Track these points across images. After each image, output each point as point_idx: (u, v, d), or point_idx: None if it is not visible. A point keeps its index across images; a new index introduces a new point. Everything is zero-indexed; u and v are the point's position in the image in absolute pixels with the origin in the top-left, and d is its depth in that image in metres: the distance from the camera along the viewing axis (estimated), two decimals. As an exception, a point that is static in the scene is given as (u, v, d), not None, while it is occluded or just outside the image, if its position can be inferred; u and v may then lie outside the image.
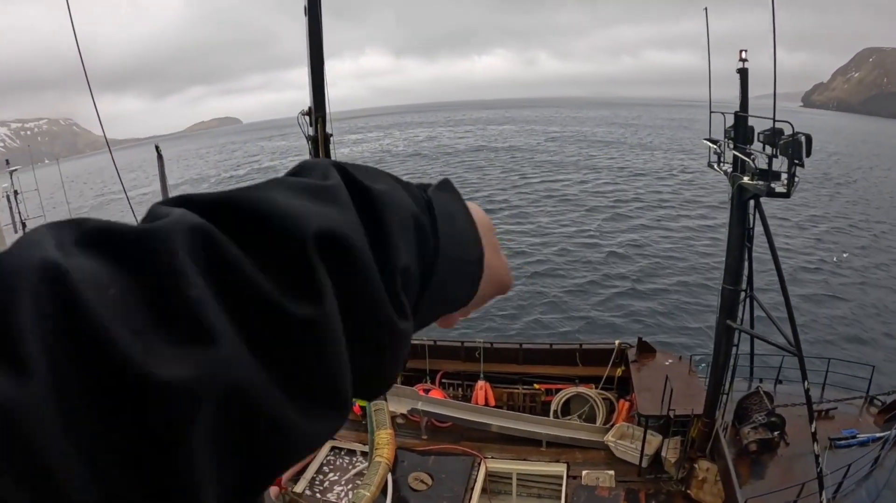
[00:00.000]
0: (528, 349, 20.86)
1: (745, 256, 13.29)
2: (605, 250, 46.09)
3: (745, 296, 13.82)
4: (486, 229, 0.83)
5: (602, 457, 16.74)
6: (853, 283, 38.94)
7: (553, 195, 68.74)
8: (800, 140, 10.49)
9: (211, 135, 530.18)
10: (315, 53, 14.86)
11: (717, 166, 13.47)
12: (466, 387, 20.42)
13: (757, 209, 12.46)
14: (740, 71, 12.05)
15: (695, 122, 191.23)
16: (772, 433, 14.32)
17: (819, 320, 32.79)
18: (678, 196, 66.49)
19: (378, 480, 13.61)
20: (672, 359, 18.06)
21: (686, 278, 39.78)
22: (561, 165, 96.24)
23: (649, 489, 15.24)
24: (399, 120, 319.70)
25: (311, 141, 16.18)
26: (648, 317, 33.71)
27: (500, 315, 35.02)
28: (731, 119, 12.48)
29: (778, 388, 16.45)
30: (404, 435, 18.19)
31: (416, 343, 21.19)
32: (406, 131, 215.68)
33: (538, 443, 17.48)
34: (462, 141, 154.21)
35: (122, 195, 52.77)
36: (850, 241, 48.72)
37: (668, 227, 52.68)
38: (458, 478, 16.26)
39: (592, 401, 18.68)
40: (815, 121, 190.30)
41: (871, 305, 35.33)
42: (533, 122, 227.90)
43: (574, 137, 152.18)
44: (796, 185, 11.09)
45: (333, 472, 17.82)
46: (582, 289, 38.58)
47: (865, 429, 14.90)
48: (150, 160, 21.97)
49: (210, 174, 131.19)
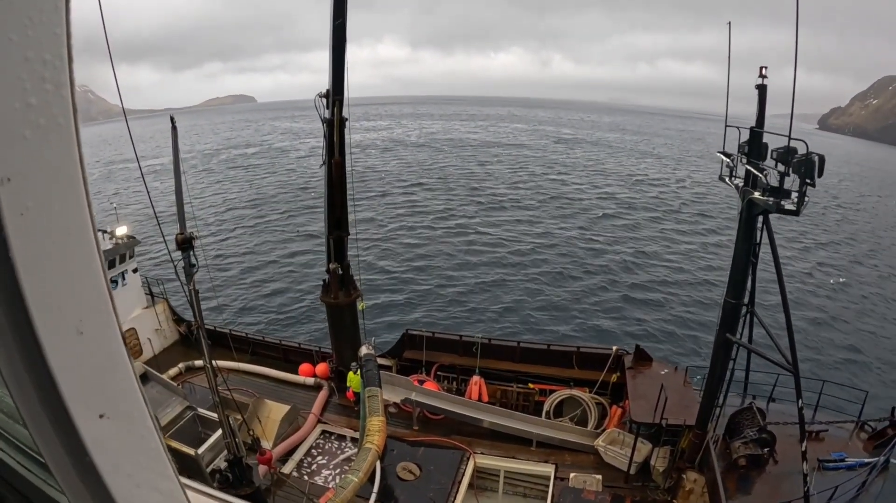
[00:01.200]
0: (526, 348, 20.91)
1: (748, 271, 13.31)
2: (607, 256, 46.14)
3: (746, 311, 13.83)
4: None
5: (591, 460, 16.83)
6: (851, 309, 38.94)
7: (559, 197, 68.68)
8: (813, 160, 10.46)
9: (225, 111, 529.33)
10: (338, 36, 14.90)
11: (728, 180, 13.46)
12: (461, 381, 20.50)
13: (765, 225, 12.47)
14: (759, 87, 12.04)
15: (707, 134, 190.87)
16: (762, 449, 14.36)
17: (815, 342, 32.83)
18: (687, 208, 66.41)
19: (366, 467, 13.66)
20: (668, 369, 18.10)
21: (685, 291, 39.82)
22: (571, 167, 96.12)
23: (635, 496, 15.31)
24: (412, 111, 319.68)
25: (326, 123, 16.25)
26: (645, 326, 33.78)
27: (494, 310, 35.16)
28: (746, 134, 12.50)
29: (770, 406, 16.48)
30: (396, 424, 18.29)
31: (415, 334, 21.30)
32: (418, 122, 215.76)
33: (528, 443, 17.57)
34: (473, 136, 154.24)
35: (127, 164, 52.50)
36: (849, 265, 48.71)
37: (671, 239, 52.64)
38: (446, 471, 16.36)
39: (585, 404, 18.75)
40: (828, 143, 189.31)
41: (867, 331, 35.34)
42: (546, 122, 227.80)
43: (586, 141, 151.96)
44: (806, 203, 11.08)
45: (322, 456, 17.93)
46: (583, 292, 38.61)
47: (854, 454, 14.94)
48: (163, 131, 22.11)
49: (220, 148, 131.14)
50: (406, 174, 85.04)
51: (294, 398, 19.79)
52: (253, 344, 23.61)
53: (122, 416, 1.37)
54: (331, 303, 19.32)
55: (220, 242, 50.36)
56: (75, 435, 1.26)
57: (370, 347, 17.26)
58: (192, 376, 21.24)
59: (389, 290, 38.50)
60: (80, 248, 1.17)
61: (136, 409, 1.41)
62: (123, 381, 1.35)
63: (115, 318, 1.29)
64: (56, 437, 1.26)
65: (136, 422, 1.42)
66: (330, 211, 17.90)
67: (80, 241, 1.17)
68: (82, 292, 1.20)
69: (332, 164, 16.94)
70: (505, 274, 41.91)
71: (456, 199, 66.64)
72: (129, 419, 1.40)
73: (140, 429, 1.44)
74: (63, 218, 1.12)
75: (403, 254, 46.25)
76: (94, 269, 1.22)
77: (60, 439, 1.27)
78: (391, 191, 71.50)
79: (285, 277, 41.48)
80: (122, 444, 1.39)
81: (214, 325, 24.53)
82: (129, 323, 21.88)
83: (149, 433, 1.47)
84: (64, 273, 1.15)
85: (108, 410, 1.31)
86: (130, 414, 1.40)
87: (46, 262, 1.11)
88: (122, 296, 21.64)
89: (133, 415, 1.41)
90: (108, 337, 1.29)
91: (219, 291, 36.01)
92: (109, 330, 1.29)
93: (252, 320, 34.20)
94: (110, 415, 1.32)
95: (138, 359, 21.63)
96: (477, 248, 47.50)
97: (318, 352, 22.27)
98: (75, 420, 1.23)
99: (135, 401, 1.40)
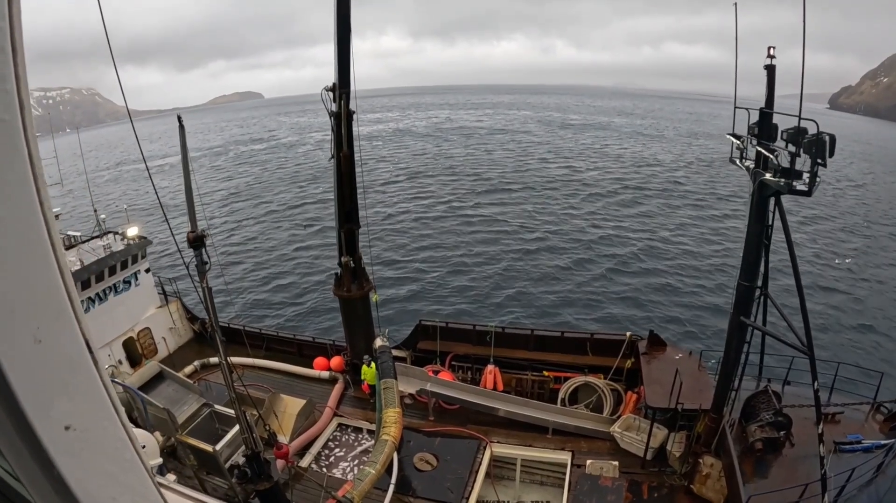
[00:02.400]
0: (540, 335, 20.89)
1: (761, 253, 13.22)
2: (617, 241, 46.00)
3: (760, 293, 13.75)
4: None
5: (607, 447, 16.85)
6: (863, 289, 38.63)
7: (567, 182, 68.43)
8: (824, 140, 10.33)
9: (233, 108, 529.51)
10: (342, 30, 14.87)
11: (739, 162, 13.35)
12: (476, 370, 20.54)
13: (777, 206, 12.37)
14: (768, 67, 11.91)
15: (716, 117, 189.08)
16: (778, 432, 14.32)
17: (829, 324, 32.63)
18: (702, 189, 65.97)
19: (384, 458, 13.75)
20: (682, 354, 18.05)
21: (698, 274, 39.66)
22: (576, 153, 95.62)
23: (652, 482, 15.32)
24: (416, 101, 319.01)
25: (333, 117, 16.25)
26: (657, 311, 33.68)
27: (507, 296, 35.16)
28: (756, 115, 12.39)
29: (786, 389, 16.41)
30: (412, 415, 18.37)
31: (428, 324, 21.35)
32: (425, 112, 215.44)
33: (544, 430, 17.61)
34: (480, 124, 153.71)
35: (137, 164, 52.76)
36: (861, 246, 48.32)
37: (682, 224, 52.38)
38: (464, 460, 16.43)
39: (600, 391, 18.74)
40: (839, 123, 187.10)
41: (880, 312, 35.04)
42: (552, 108, 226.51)
43: (593, 126, 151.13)
44: (818, 184, 10.98)
45: (339, 448, 18.07)
46: (593, 278, 38.54)
47: (870, 436, 14.87)
48: (171, 131, 22.10)
49: (229, 147, 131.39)
50: (414, 164, 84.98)
51: (310, 392, 19.91)
52: (267, 339, 23.75)
53: (92, 427, 1.31)
54: (344, 296, 19.37)
55: (231, 239, 50.57)
56: (40, 447, 1.20)
57: (384, 339, 17.32)
58: (207, 373, 21.45)
59: (402, 281, 38.57)
60: (30, 248, 1.11)
61: (105, 419, 1.36)
62: (89, 391, 1.30)
63: (77, 325, 1.23)
64: (24, 450, 1.21)
65: (106, 433, 1.37)
66: (340, 204, 17.91)
67: (30, 242, 1.11)
68: (38, 297, 1.13)
69: (341, 157, 16.94)
70: (515, 260, 41.88)
71: (462, 188, 66.48)
72: (100, 430, 1.35)
73: (111, 441, 1.39)
74: (12, 219, 1.06)
75: (414, 244, 46.30)
76: (51, 272, 1.15)
77: (28, 451, 1.21)
78: (399, 181, 71.47)
79: (297, 272, 41.65)
80: (93, 456, 1.34)
81: (228, 322, 24.72)
82: (143, 323, 22.11)
83: (123, 444, 1.42)
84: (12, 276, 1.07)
85: (75, 422, 1.26)
86: (99, 424, 1.34)
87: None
88: (136, 296, 21.84)
89: (103, 425, 1.36)
90: (69, 345, 1.23)
91: (232, 288, 36.23)
92: (71, 337, 1.22)
93: (266, 314, 34.38)
94: (77, 427, 1.27)
95: (153, 358, 21.83)
96: (487, 237, 47.46)
97: (332, 346, 22.38)
98: (38, 432, 1.18)
99: (103, 412, 1.35)
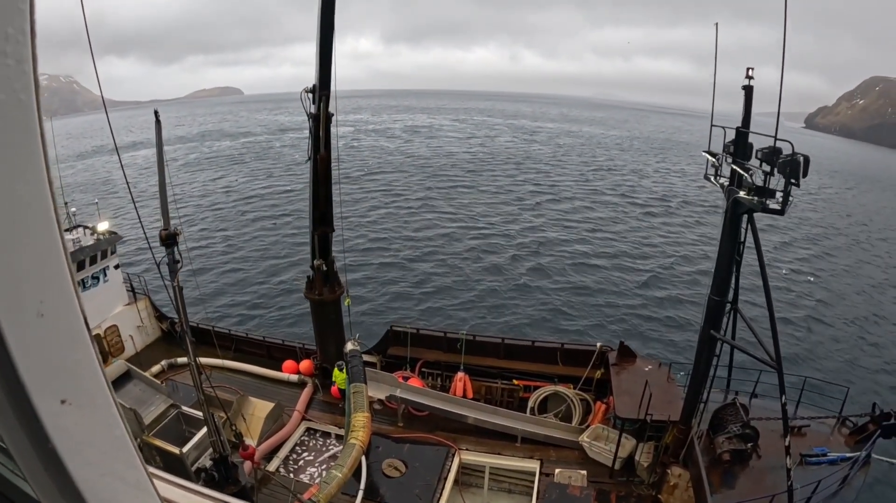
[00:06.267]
0: (510, 344, 20.93)
1: (733, 269, 13.42)
2: (591, 250, 46.40)
3: (730, 308, 13.95)
4: None
5: (575, 456, 16.91)
6: (830, 306, 39.49)
7: (537, 188, 68.91)
8: (798, 160, 10.55)
9: (212, 103, 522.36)
10: (325, 34, 14.74)
11: (713, 179, 13.54)
12: (446, 377, 20.49)
13: (750, 224, 12.56)
14: (745, 88, 12.11)
15: (687, 131, 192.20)
16: (745, 444, 14.50)
17: (797, 338, 33.24)
18: (677, 202, 66.90)
19: (351, 462, 13.59)
20: (652, 366, 18.20)
21: (671, 286, 40.15)
22: (551, 161, 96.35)
23: (620, 491, 15.41)
24: (391, 103, 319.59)
25: (312, 118, 16.07)
26: (629, 321, 34.00)
27: (484, 306, 35.21)
28: (732, 134, 12.57)
29: (753, 402, 16.65)
30: (381, 421, 18.25)
31: (399, 331, 21.25)
32: (401, 115, 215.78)
33: (513, 439, 17.61)
34: (454, 128, 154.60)
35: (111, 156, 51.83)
36: (827, 262, 49.50)
37: (659, 233, 53.04)
38: (432, 467, 16.35)
39: (570, 400, 18.82)
40: (814, 142, 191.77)
41: (847, 327, 35.85)
42: (523, 116, 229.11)
43: (565, 134, 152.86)
44: (790, 203, 11.18)
45: (308, 453, 17.85)
46: (571, 287, 38.78)
47: (836, 449, 15.13)
48: (149, 122, 21.76)
49: (205, 140, 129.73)
50: (389, 169, 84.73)
51: (278, 395, 19.67)
52: (236, 340, 23.41)
53: (86, 403, 1.33)
54: (315, 299, 19.16)
55: (203, 238, 49.78)
56: (37, 420, 1.22)
57: (356, 343, 17.17)
58: (174, 373, 21.02)
59: (374, 286, 38.35)
60: (40, 225, 1.12)
61: (100, 396, 1.37)
62: (86, 367, 1.31)
63: (77, 301, 1.24)
64: (17, 422, 1.23)
65: (100, 409, 1.38)
66: (315, 207, 17.71)
67: (41, 219, 1.12)
68: (43, 272, 1.15)
69: (318, 159, 16.76)
70: (490, 269, 41.98)
71: (438, 192, 66.53)
72: (93, 406, 1.36)
73: (105, 417, 1.40)
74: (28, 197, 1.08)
75: (388, 249, 46.06)
76: (55, 248, 1.16)
77: (22, 424, 1.23)
78: (373, 185, 71.15)
79: (269, 273, 41.14)
80: (86, 432, 1.35)
81: (197, 322, 24.28)
82: (110, 319, 21.57)
83: (114, 421, 1.43)
84: (23, 251, 1.10)
85: (71, 396, 1.28)
86: (94, 401, 1.36)
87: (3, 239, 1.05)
88: (104, 292, 21.29)
89: (97, 402, 1.37)
90: (70, 320, 1.24)
91: (202, 287, 35.66)
92: (72, 313, 1.24)
93: (235, 315, 33.91)
94: (73, 402, 1.28)
95: (120, 356, 21.34)
96: (463, 244, 47.54)
97: (301, 349, 22.15)
98: (36, 405, 1.20)
99: (99, 388, 1.36)
